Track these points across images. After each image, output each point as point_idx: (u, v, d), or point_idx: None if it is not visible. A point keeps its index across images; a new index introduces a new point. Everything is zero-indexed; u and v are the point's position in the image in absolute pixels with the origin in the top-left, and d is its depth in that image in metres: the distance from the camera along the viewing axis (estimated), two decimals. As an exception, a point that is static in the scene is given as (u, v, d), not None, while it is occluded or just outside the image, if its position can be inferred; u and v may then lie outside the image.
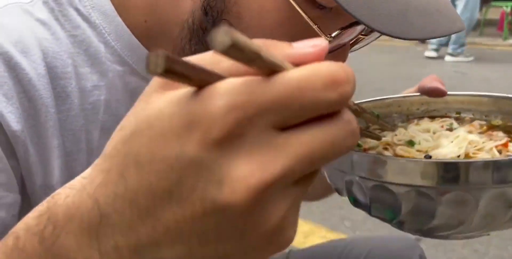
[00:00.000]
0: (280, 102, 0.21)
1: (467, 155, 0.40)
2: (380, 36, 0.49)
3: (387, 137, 0.46)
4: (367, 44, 0.52)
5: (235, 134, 0.20)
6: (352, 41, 0.49)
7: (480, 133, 0.47)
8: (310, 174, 0.23)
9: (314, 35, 0.41)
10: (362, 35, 0.48)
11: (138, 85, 0.50)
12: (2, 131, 0.40)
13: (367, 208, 0.42)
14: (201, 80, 0.21)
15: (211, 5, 0.43)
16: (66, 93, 0.45)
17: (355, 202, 0.43)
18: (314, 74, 0.21)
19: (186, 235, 0.22)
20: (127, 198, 0.22)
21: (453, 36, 5.38)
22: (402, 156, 0.42)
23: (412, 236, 0.91)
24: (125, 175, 0.22)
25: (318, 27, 0.41)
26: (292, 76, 0.21)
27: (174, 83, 0.22)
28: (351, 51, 0.51)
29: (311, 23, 0.41)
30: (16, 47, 0.42)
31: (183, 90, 0.22)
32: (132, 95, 0.50)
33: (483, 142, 0.42)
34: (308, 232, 1.91)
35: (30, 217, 0.26)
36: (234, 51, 0.19)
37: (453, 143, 0.41)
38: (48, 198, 0.26)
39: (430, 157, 0.41)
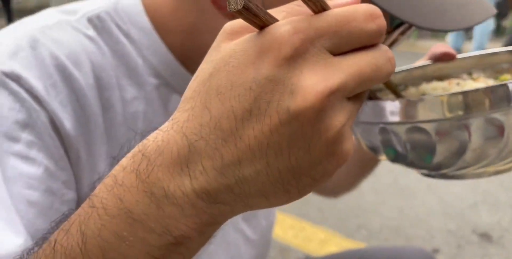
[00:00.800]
0: (332, 29, 0.25)
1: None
2: (411, 32, 0.51)
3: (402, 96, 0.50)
4: (400, 43, 0.53)
5: (300, 53, 0.24)
6: (392, 43, 0.50)
7: None
8: (359, 94, 0.27)
9: None
10: (400, 34, 0.49)
11: (172, 97, 0.53)
12: (59, 135, 0.44)
13: (404, 158, 0.44)
14: (267, 21, 0.25)
15: None
16: (111, 103, 0.49)
17: (392, 154, 0.45)
18: (356, 10, 0.26)
19: (264, 149, 0.25)
20: (213, 125, 0.25)
21: (474, 44, 5.30)
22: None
23: (427, 249, 0.88)
24: (208, 106, 0.25)
25: None
26: (339, 11, 0.26)
27: (238, 33, 0.27)
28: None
29: None
30: (70, 59, 0.46)
31: (249, 34, 0.26)
32: (167, 107, 0.53)
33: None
34: (324, 239, 1.90)
35: (124, 160, 0.28)
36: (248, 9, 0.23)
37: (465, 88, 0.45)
38: (138, 144, 0.28)
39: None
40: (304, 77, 0.24)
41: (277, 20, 0.26)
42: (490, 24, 5.20)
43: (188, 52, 0.52)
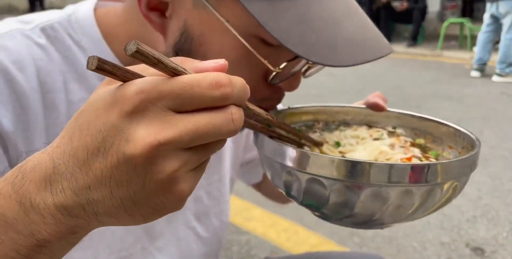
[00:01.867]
0: (175, 92, 0.30)
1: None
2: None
3: (324, 135, 0.53)
4: (320, 69, 0.57)
5: (139, 110, 0.30)
6: (304, 69, 0.54)
7: (401, 147, 0.51)
8: (202, 146, 0.32)
9: (267, 68, 0.49)
10: (309, 63, 0.53)
11: None
12: None
13: (295, 199, 0.47)
14: (126, 77, 0.30)
15: (181, 48, 0.50)
16: (55, 104, 0.55)
17: (285, 191, 0.48)
18: (203, 77, 0.31)
19: (107, 180, 0.31)
20: (72, 154, 0.31)
21: (500, 55, 5.17)
22: (325, 154, 0.48)
23: (379, 255, 0.92)
24: (72, 138, 0.32)
25: (268, 61, 0.48)
26: (187, 77, 0.31)
27: (113, 81, 0.32)
28: (308, 77, 0.57)
29: (261, 59, 0.48)
30: (15, 65, 0.52)
31: (115, 84, 0.31)
32: None
33: (392, 154, 0.46)
34: (316, 244, 1.93)
35: (8, 172, 0.35)
36: (139, 55, 0.28)
37: (366, 150, 0.46)
38: (23, 160, 0.35)
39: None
40: (139, 129, 0.29)
41: (140, 77, 0.31)
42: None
43: (132, 60, 0.57)
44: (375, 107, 0.55)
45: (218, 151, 0.34)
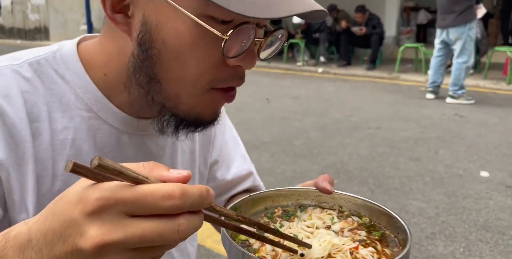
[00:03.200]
0: (130, 200, 0.35)
1: (329, 255, 0.52)
2: (283, 45, 0.60)
3: (285, 227, 0.59)
4: (274, 52, 0.62)
5: (97, 212, 0.36)
6: (256, 46, 0.57)
7: (350, 230, 0.59)
8: (147, 248, 0.37)
9: (220, 43, 0.53)
10: (257, 38, 0.57)
11: (100, 127, 0.64)
12: None
13: None
14: (97, 178, 0.36)
15: (144, 39, 0.56)
16: (39, 132, 0.60)
17: None
18: (159, 189, 0.36)
19: None
20: (44, 232, 0.38)
21: (452, 78, 5.47)
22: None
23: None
24: (47, 219, 0.39)
25: (224, 34, 0.52)
26: (144, 186, 0.36)
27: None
28: (265, 60, 0.62)
29: (210, 29, 0.52)
30: (4, 99, 0.58)
31: (90, 182, 0.37)
32: (95, 135, 0.64)
33: (343, 244, 0.54)
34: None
35: None
36: (101, 169, 0.34)
37: (321, 246, 0.53)
38: (9, 228, 0.42)
39: (303, 255, 0.52)
40: (92, 228, 0.35)
41: (109, 179, 0.36)
42: (466, 61, 5.38)
43: (110, 82, 0.62)
44: (324, 191, 0.62)
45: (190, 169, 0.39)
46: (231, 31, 0.53)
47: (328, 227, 0.59)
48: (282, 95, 5.99)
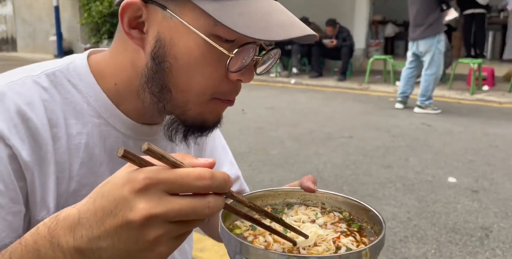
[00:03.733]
0: (170, 180, 0.42)
1: (315, 244, 0.59)
2: (276, 60, 0.69)
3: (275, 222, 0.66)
4: (269, 66, 0.71)
5: (144, 189, 0.42)
6: (254, 62, 0.65)
7: (332, 223, 0.66)
8: (184, 221, 0.43)
9: (224, 59, 0.60)
10: (256, 56, 0.65)
11: (109, 132, 0.71)
12: (17, 162, 0.61)
13: None
14: (141, 164, 0.43)
15: (157, 54, 0.62)
16: (58, 136, 0.66)
17: None
18: (192, 171, 0.43)
19: (113, 234, 0.43)
20: (93, 212, 0.44)
21: (421, 89, 5.70)
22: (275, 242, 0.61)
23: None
24: (95, 200, 0.44)
25: (229, 52, 0.60)
26: (181, 169, 0.43)
27: (134, 166, 0.44)
28: (260, 74, 0.70)
29: (217, 46, 0.59)
30: (28, 106, 0.64)
31: (133, 168, 0.44)
32: (105, 140, 0.70)
33: (326, 235, 0.61)
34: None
35: (47, 218, 0.48)
36: (149, 152, 0.41)
37: (308, 237, 0.60)
38: (60, 210, 0.47)
39: (295, 243, 0.59)
40: (140, 203, 0.41)
41: (151, 165, 0.43)
42: (435, 72, 5.60)
43: (120, 91, 0.69)
44: (308, 190, 0.69)
45: None
46: (236, 49, 0.61)
47: (313, 221, 0.66)
48: (257, 106, 6.08)
